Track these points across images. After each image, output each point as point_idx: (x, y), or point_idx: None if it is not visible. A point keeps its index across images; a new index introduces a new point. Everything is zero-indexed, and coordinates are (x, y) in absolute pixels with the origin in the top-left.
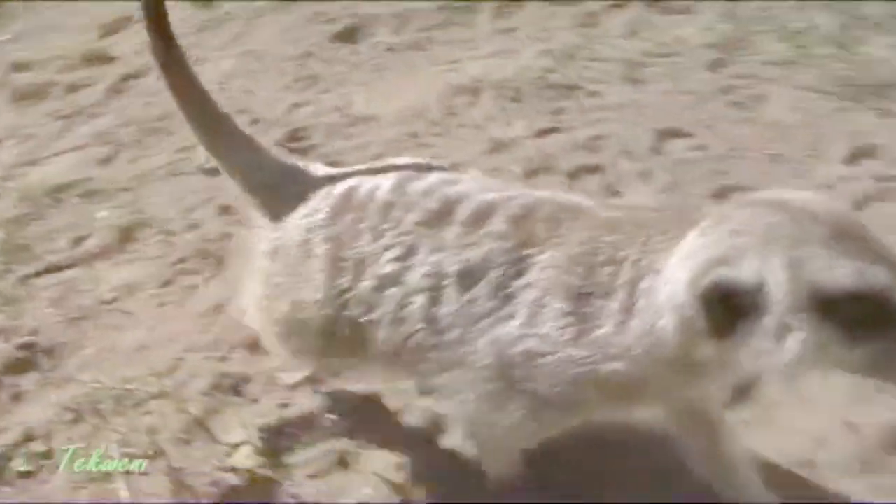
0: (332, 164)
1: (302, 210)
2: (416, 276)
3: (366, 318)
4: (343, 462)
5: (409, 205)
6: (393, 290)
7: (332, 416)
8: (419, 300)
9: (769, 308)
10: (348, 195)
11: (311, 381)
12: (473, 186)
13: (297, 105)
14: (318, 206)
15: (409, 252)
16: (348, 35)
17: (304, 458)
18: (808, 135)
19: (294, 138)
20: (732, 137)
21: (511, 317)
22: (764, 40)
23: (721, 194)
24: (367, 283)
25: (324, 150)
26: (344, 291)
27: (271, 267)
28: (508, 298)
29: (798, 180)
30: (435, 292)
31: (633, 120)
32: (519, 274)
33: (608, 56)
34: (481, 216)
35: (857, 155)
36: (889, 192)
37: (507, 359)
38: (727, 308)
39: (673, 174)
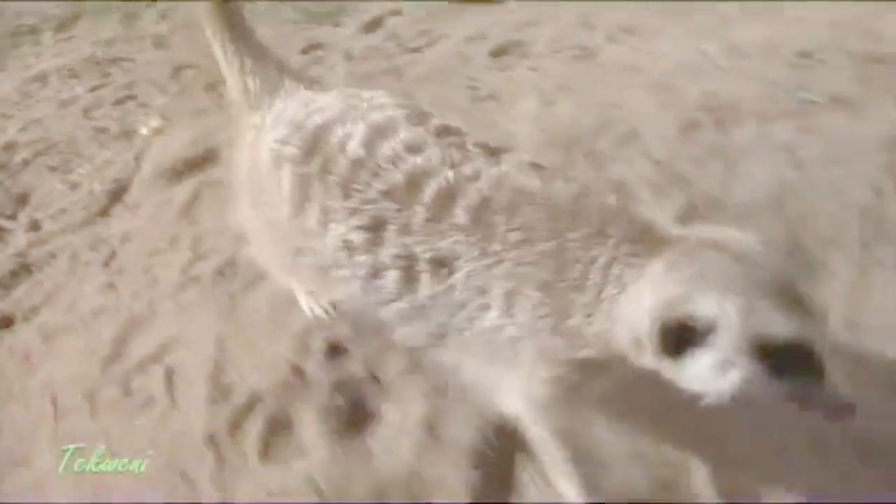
0: None
1: (275, 132)
2: (386, 253)
3: (334, 273)
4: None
5: (376, 170)
6: (363, 259)
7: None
8: (393, 274)
9: (717, 345)
10: (318, 136)
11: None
12: (435, 157)
13: None
14: (289, 136)
15: (376, 225)
16: None
17: None
18: None
19: None
20: None
21: (488, 307)
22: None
23: None
24: (331, 242)
25: None
26: (306, 234)
27: (248, 183)
28: (482, 291)
29: None
30: (409, 272)
31: None
32: (489, 268)
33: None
34: (443, 203)
35: None
36: None
37: (495, 344)
38: (681, 337)
39: None
